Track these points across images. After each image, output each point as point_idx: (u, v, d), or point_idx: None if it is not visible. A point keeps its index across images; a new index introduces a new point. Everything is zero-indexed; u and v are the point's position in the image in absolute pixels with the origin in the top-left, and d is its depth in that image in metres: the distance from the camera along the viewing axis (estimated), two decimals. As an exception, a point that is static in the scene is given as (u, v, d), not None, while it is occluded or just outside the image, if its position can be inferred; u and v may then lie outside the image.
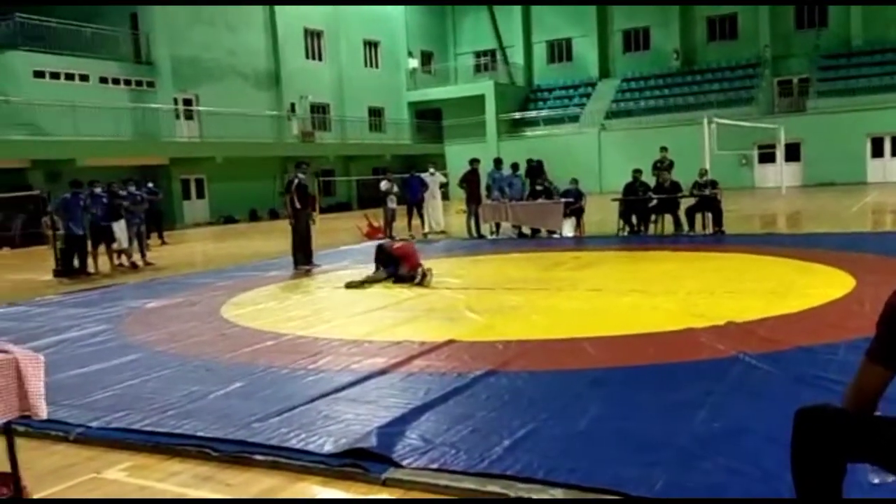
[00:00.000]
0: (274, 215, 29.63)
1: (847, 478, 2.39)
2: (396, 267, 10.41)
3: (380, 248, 10.99)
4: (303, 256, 12.69)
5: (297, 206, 12.57)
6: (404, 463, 3.76)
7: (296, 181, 12.63)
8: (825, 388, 4.43)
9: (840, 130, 30.17)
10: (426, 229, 18.07)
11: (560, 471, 3.55)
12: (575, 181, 16.40)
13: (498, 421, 4.31)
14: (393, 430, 4.20)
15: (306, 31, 35.01)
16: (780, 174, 28.30)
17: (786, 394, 4.44)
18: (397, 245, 11.13)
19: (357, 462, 3.80)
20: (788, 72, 35.68)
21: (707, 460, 3.57)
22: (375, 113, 39.10)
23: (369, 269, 10.80)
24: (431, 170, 19.14)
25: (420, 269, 10.12)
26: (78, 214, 13.43)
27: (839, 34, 34.98)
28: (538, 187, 16.60)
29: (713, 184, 14.68)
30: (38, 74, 24.76)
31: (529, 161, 17.93)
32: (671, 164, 15.94)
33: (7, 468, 3.50)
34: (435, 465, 3.71)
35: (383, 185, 18.10)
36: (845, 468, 2.38)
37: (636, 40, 40.12)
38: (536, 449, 3.83)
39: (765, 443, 3.71)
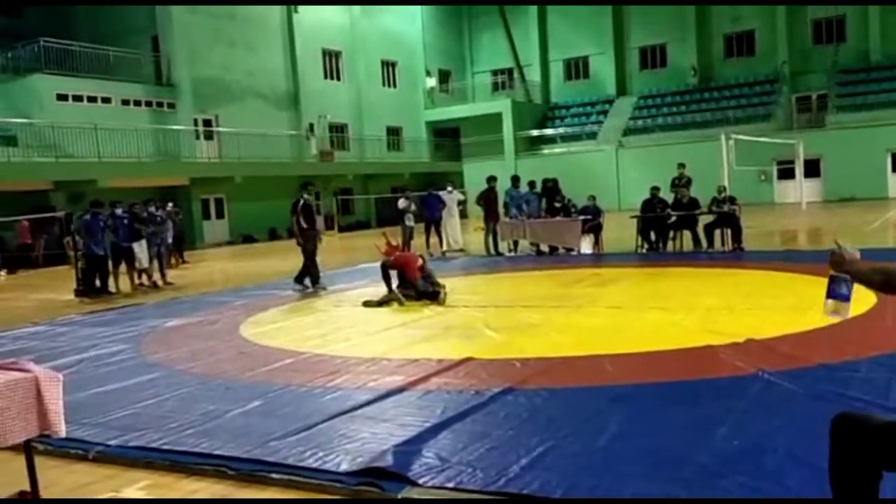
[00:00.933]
0: (293, 235, 29.75)
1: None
2: (412, 284, 10.35)
3: (383, 267, 10.83)
4: (312, 276, 12.74)
5: (304, 226, 12.68)
6: (421, 482, 3.74)
7: (301, 202, 12.74)
8: (847, 406, 4.34)
9: (860, 145, 29.93)
10: (444, 247, 18.08)
11: (579, 488, 3.53)
12: (592, 198, 16.37)
13: (516, 439, 4.28)
14: (410, 448, 4.19)
15: (325, 51, 35.36)
16: (800, 190, 28.09)
17: (806, 411, 4.40)
18: (394, 258, 10.98)
19: (373, 481, 3.79)
20: (807, 87, 35.49)
21: (727, 478, 3.54)
22: (393, 132, 39.34)
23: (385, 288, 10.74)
24: (450, 188, 19.18)
25: (436, 286, 10.12)
26: (99, 235, 13.58)
27: (857, 49, 34.82)
28: (556, 204, 16.59)
29: (731, 200, 14.60)
30: (62, 97, 25.16)
31: (545, 181, 17.94)
32: (689, 181, 15.87)
33: (27, 486, 3.52)
34: (451, 484, 3.69)
35: (401, 203, 18.15)
36: (881, 474, 2.39)
37: (653, 57, 40.13)
38: (555, 467, 3.81)
39: (786, 460, 3.68)
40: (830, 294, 2.64)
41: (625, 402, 4.92)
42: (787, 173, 30.82)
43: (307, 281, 12.72)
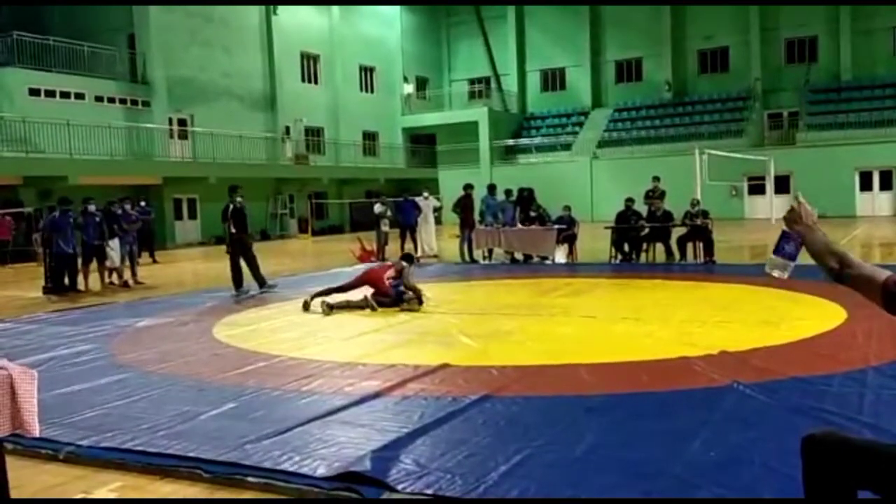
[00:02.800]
0: (265, 236, 29.63)
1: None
2: (385, 293, 10.27)
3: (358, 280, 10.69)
4: (235, 280, 12.56)
5: (233, 231, 12.56)
6: (399, 487, 3.72)
7: (231, 207, 12.57)
8: (820, 419, 4.43)
9: (829, 164, 30.48)
10: (419, 253, 18.06)
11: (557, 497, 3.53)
12: (567, 208, 16.46)
13: (493, 446, 4.28)
14: (387, 454, 4.16)
15: (303, 54, 35.23)
16: (770, 206, 28.51)
17: (781, 424, 4.44)
18: (364, 274, 10.75)
19: (351, 486, 3.76)
20: (778, 105, 36.11)
21: (703, 489, 3.56)
22: (370, 137, 39.25)
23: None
24: (426, 194, 19.16)
25: (411, 293, 10.07)
26: (68, 233, 13.33)
27: (829, 69, 35.50)
28: (532, 214, 16.65)
29: (705, 214, 14.77)
30: (34, 92, 24.75)
31: (521, 190, 18.01)
32: (663, 194, 16.03)
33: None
34: (430, 491, 3.67)
35: (377, 208, 18.12)
36: (856, 494, 2.39)
37: (628, 71, 40.56)
38: (533, 475, 3.81)
39: (761, 472, 3.72)
40: (776, 250, 2.44)
41: (600, 412, 4.94)
42: (757, 189, 31.30)
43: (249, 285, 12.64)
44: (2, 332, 9.44)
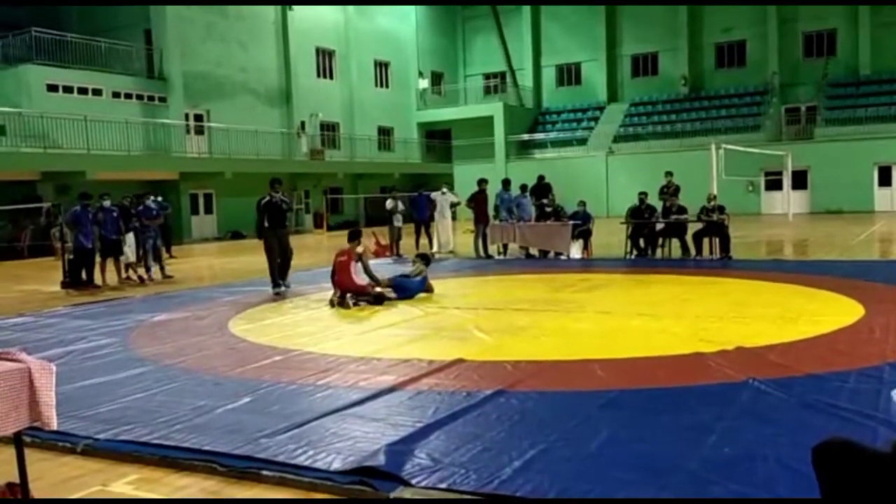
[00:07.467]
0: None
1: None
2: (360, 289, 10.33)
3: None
4: (272, 277, 12.44)
5: (266, 225, 12.47)
6: (413, 482, 3.73)
7: (264, 200, 12.50)
8: (836, 416, 4.41)
9: (847, 158, 30.22)
10: (434, 248, 18.06)
11: (571, 493, 3.53)
12: (583, 203, 16.42)
13: (508, 441, 4.28)
14: (402, 448, 4.18)
15: (318, 49, 35.30)
16: (788, 201, 28.30)
17: (797, 420, 4.43)
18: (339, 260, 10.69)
19: (366, 480, 3.78)
20: (796, 99, 35.80)
21: (718, 485, 3.55)
22: (385, 132, 39.29)
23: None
24: (444, 189, 19.07)
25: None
26: (88, 227, 13.47)
27: (847, 63, 35.16)
28: (547, 209, 16.59)
29: (721, 209, 14.68)
30: (52, 88, 24.99)
31: (540, 177, 17.87)
32: (677, 189, 15.95)
33: (15, 478, 3.49)
34: (444, 485, 3.69)
35: (389, 203, 18.11)
36: None
37: (645, 65, 40.34)
38: (547, 470, 3.81)
39: (776, 469, 3.70)
40: None
41: (615, 407, 4.93)
42: (774, 184, 31.09)
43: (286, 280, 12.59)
44: (22, 326, 9.56)
